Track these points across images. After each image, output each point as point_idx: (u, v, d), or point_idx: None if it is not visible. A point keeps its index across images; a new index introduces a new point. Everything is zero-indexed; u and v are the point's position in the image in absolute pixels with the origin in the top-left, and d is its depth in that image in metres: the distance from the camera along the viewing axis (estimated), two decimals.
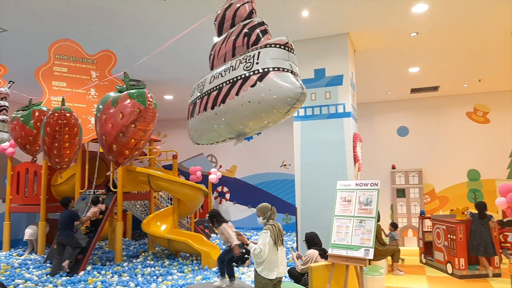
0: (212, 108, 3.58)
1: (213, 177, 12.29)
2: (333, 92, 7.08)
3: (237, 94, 3.33)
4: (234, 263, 7.92)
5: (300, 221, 7.05)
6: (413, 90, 11.01)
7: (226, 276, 5.86)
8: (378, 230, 7.60)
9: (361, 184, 5.69)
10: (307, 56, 7.28)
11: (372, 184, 5.56)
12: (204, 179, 12.47)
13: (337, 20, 6.52)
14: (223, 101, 3.45)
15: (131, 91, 4.56)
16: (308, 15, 6.27)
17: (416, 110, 11.85)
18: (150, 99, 4.52)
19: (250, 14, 3.75)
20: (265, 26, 3.59)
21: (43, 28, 6.72)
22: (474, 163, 11.14)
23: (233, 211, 13.52)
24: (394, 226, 8.57)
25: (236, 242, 5.62)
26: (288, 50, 3.32)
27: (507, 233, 8.31)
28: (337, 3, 5.90)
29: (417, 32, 6.99)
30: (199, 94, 3.89)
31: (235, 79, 3.40)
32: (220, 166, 13.96)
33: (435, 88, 10.83)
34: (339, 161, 6.88)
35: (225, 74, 3.55)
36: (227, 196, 13.80)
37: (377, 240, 7.53)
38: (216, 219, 5.96)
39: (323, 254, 5.78)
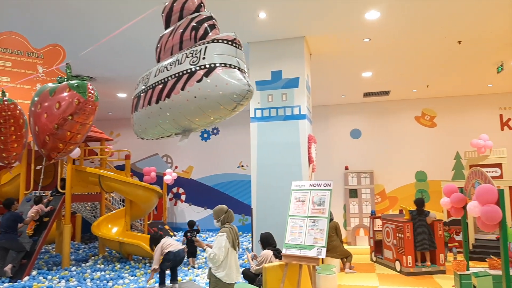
0: (157, 102, 3.50)
1: (168, 178, 12.05)
2: (289, 94, 7.17)
3: (182, 89, 3.27)
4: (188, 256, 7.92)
5: (255, 222, 7.06)
6: (366, 94, 11.39)
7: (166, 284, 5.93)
8: (339, 228, 7.82)
9: (314, 185, 5.78)
10: (264, 58, 7.33)
11: (325, 185, 5.68)
12: (159, 180, 12.20)
13: (293, 23, 6.61)
14: (168, 96, 3.39)
15: (72, 81, 4.35)
16: (265, 16, 6.30)
17: (368, 113, 12.27)
18: (92, 91, 4.34)
19: (199, 8, 3.70)
20: (214, 20, 3.56)
21: None
22: (422, 165, 11.70)
23: (189, 212, 13.32)
24: None
25: (155, 266, 5.74)
26: (235, 47, 3.30)
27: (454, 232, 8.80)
28: (293, 6, 5.98)
29: (370, 38, 7.22)
30: (143, 87, 3.80)
31: (181, 74, 3.35)
32: (176, 167, 13.72)
33: (386, 93, 11.25)
34: (294, 162, 6.96)
35: (171, 67, 3.49)
36: (183, 197, 13.58)
37: (338, 239, 7.73)
38: (154, 243, 5.97)
39: (278, 254, 5.81)
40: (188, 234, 8.10)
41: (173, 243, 5.97)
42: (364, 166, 11.88)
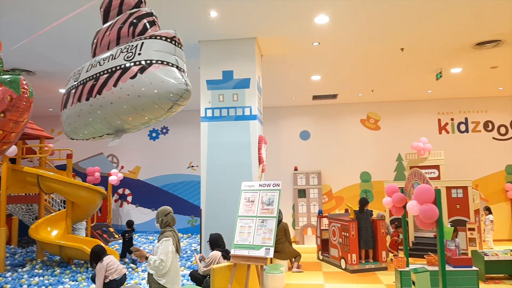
0: (87, 99, 3.33)
1: (114, 178, 11.60)
2: (240, 94, 7.16)
3: (115, 85, 3.13)
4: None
5: (204, 223, 6.98)
6: (315, 97, 11.66)
7: None
8: (288, 230, 7.90)
9: (264, 185, 5.82)
10: (215, 57, 7.26)
11: (274, 185, 5.73)
12: (104, 180, 11.71)
13: (245, 24, 6.60)
14: (99, 92, 3.23)
15: (4, 76, 4.06)
16: (216, 16, 6.24)
17: (317, 116, 12.58)
18: (25, 87, 4.07)
19: (139, 3, 3.59)
20: (154, 17, 3.46)
21: None
22: (366, 166, 12.18)
23: (135, 214, 12.91)
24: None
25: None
26: (175, 44, 3.22)
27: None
28: (244, 7, 5.97)
29: (319, 42, 7.39)
30: (74, 83, 3.61)
31: (114, 69, 3.21)
32: (122, 167, 13.23)
33: (334, 96, 11.59)
34: (244, 162, 6.97)
35: (104, 63, 3.34)
36: (129, 198, 13.13)
37: (287, 240, 7.81)
38: (95, 259, 5.61)
39: (226, 255, 5.79)
40: (126, 234, 8.13)
41: (116, 265, 5.58)
42: (312, 167, 12.16)
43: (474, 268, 5.81)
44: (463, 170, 11.40)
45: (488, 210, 10.11)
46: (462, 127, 12.05)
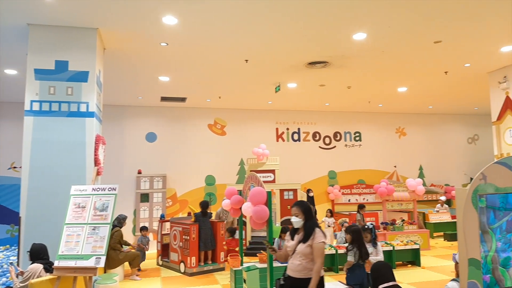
0: None
1: None
2: (76, 88, 6.49)
3: None
4: None
5: (24, 233, 6.04)
6: (163, 99, 11.43)
7: None
8: (118, 235, 7.40)
9: (98, 189, 5.40)
10: (48, 44, 6.44)
11: (110, 189, 5.36)
12: None
13: (85, 12, 6.02)
14: None
15: None
16: None
17: (165, 118, 12.37)
18: None
19: None
20: None
21: None
22: (211, 169, 12.50)
23: None
24: (144, 229, 8.67)
25: None
26: None
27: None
28: None
29: (167, 42, 7.24)
30: None
31: None
32: None
33: (183, 99, 11.56)
34: (77, 164, 6.30)
35: None
36: None
37: (111, 247, 7.30)
38: None
39: (49, 267, 5.13)
40: None
41: None
42: (157, 170, 11.87)
43: None
44: (295, 174, 12.69)
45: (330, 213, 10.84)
46: (296, 136, 13.45)
